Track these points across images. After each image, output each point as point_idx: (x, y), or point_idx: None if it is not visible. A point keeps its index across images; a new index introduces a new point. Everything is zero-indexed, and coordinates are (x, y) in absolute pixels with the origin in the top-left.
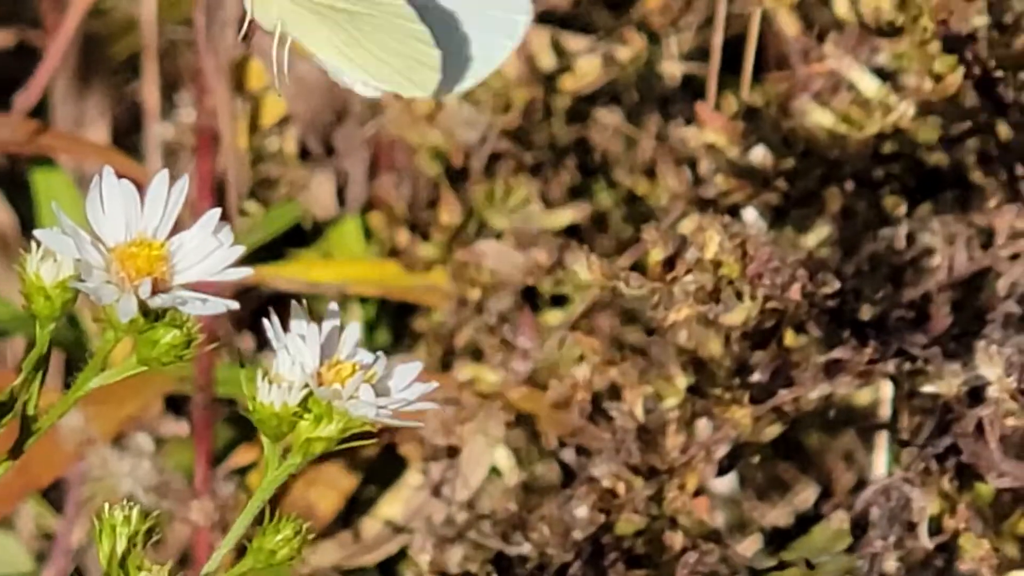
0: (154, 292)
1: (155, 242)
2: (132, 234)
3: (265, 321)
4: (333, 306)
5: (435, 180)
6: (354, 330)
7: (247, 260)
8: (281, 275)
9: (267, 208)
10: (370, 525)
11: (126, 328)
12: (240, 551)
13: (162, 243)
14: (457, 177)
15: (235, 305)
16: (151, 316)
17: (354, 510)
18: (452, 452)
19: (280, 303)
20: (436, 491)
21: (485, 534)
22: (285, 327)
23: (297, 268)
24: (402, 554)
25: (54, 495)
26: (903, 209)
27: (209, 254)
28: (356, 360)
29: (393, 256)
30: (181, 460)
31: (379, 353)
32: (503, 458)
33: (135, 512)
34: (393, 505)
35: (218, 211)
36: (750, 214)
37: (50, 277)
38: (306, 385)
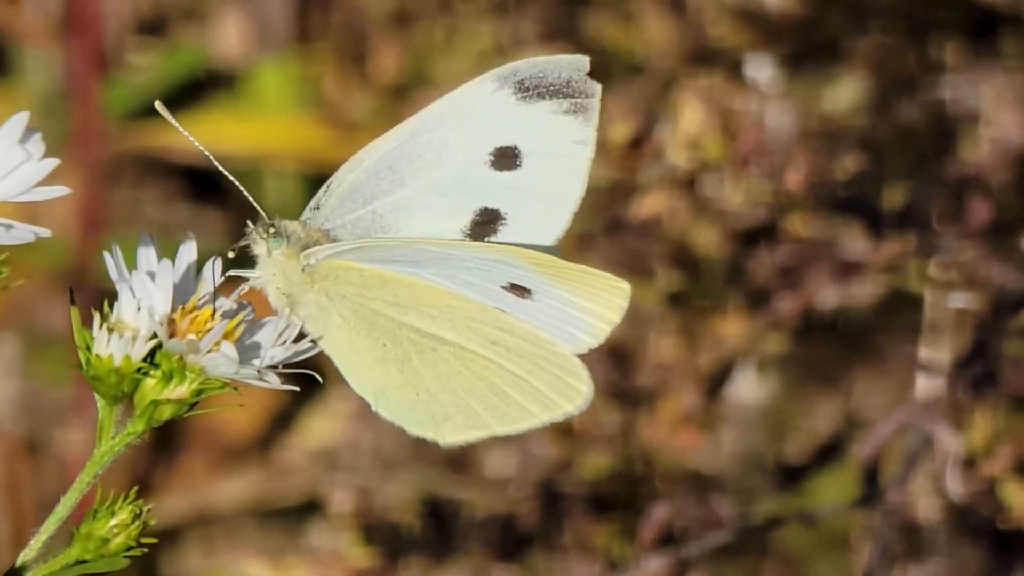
0: None
1: None
2: None
3: (105, 253)
4: (189, 238)
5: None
6: (214, 266)
7: (134, 119)
8: (174, 139)
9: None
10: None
11: None
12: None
13: None
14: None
15: (45, 233)
16: None
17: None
18: None
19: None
20: None
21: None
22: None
23: (199, 129)
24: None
25: None
26: (947, 62)
27: (14, 170)
28: (216, 307)
29: (322, 113)
30: None
31: (245, 302)
32: None
33: None
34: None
35: (25, 116)
36: (763, 70)
37: None
38: (154, 335)
